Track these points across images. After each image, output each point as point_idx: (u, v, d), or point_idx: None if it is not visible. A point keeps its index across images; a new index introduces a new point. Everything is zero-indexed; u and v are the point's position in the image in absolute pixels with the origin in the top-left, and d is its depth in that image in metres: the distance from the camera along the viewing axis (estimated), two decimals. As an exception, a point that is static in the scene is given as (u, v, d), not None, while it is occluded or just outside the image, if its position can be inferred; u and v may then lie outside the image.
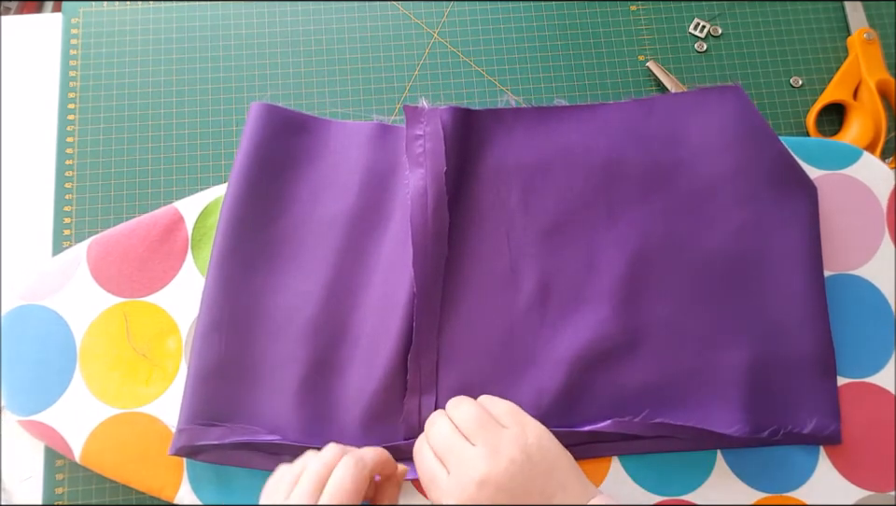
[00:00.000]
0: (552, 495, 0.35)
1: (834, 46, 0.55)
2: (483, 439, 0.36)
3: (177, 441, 0.42)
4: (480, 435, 0.37)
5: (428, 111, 0.47)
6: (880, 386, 0.45)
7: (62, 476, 0.45)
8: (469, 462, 0.36)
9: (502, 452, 0.36)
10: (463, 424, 0.38)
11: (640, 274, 0.46)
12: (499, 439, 0.36)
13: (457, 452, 0.36)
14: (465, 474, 0.35)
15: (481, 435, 0.37)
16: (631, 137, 0.48)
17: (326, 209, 0.47)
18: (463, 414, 0.38)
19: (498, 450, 0.36)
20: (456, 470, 0.36)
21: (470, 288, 0.46)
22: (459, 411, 0.38)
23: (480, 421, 0.37)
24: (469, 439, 0.37)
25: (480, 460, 0.35)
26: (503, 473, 0.35)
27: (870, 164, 0.48)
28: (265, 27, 0.54)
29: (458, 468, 0.36)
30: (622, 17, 0.55)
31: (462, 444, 0.37)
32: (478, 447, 0.36)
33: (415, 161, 0.46)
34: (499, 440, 0.36)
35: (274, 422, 0.43)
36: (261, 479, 0.43)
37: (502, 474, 0.35)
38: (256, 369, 0.44)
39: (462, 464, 0.36)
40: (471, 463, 0.35)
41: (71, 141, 0.51)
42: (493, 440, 0.36)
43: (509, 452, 0.36)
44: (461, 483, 0.35)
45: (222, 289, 0.45)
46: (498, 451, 0.36)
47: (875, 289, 0.47)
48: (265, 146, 0.47)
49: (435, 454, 0.37)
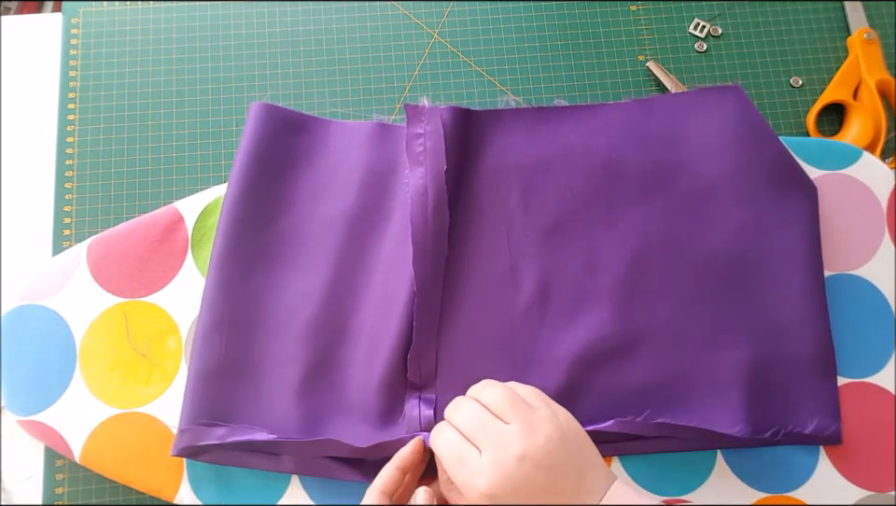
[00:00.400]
0: (584, 473, 0.36)
1: (834, 46, 0.55)
2: (518, 417, 0.36)
3: (180, 441, 0.42)
4: (513, 414, 0.37)
5: (429, 110, 0.47)
6: (880, 386, 0.45)
7: (62, 476, 0.45)
8: (505, 439, 0.35)
9: (539, 429, 0.36)
10: (493, 404, 0.38)
11: (641, 274, 0.46)
12: (534, 417, 0.36)
13: (491, 430, 0.36)
14: (502, 450, 0.35)
15: (514, 414, 0.37)
16: (631, 137, 0.48)
17: (326, 209, 0.47)
18: (492, 396, 0.38)
19: (534, 427, 0.36)
20: (492, 448, 0.35)
21: (470, 287, 0.46)
22: (487, 392, 0.38)
23: (511, 401, 0.37)
24: (502, 418, 0.37)
25: (517, 437, 0.35)
26: (541, 449, 0.35)
27: (870, 164, 0.48)
28: (265, 27, 0.54)
29: (494, 445, 0.35)
30: (622, 17, 0.55)
31: (495, 423, 0.36)
32: (513, 425, 0.36)
33: (415, 160, 0.46)
34: (534, 417, 0.36)
35: (275, 421, 0.43)
36: (262, 479, 0.44)
37: (540, 450, 0.35)
38: (256, 369, 0.44)
39: (498, 441, 0.36)
40: (509, 440, 0.35)
41: (71, 141, 0.51)
42: (528, 417, 0.36)
43: (545, 429, 0.36)
44: (499, 460, 0.35)
45: (222, 290, 0.45)
46: (535, 428, 0.36)
47: (875, 289, 0.47)
48: (265, 146, 0.47)
49: (463, 435, 0.37)
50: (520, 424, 0.36)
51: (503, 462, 0.35)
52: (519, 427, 0.36)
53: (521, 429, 0.36)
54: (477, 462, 0.35)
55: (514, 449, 0.35)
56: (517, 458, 0.35)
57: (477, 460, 0.35)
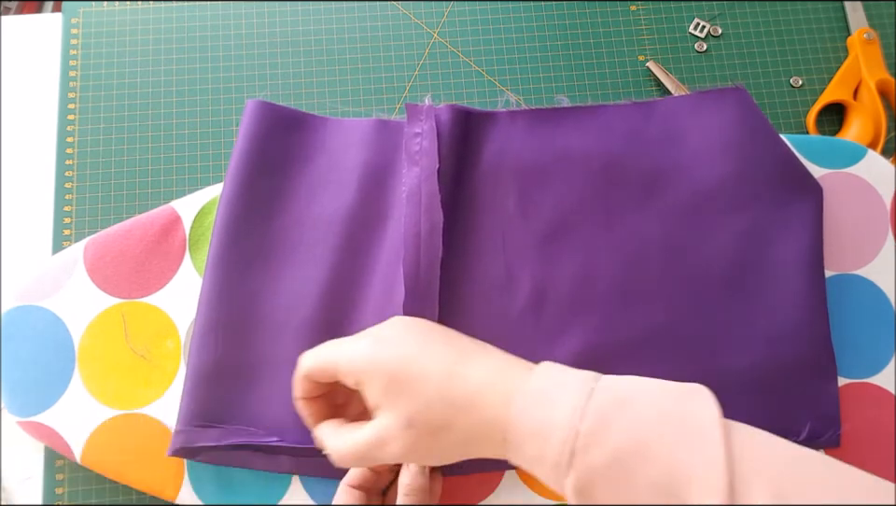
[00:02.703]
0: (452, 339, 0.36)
1: (834, 46, 0.55)
2: None
3: (174, 442, 0.42)
4: None
5: (427, 109, 0.46)
6: (880, 386, 0.45)
7: (62, 476, 0.45)
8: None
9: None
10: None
11: (638, 279, 0.45)
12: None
13: None
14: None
15: None
16: (631, 140, 0.48)
17: (323, 207, 0.47)
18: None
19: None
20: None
21: (466, 291, 0.45)
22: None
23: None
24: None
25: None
26: (383, 326, 0.37)
27: (874, 163, 0.48)
28: (265, 27, 0.54)
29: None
30: (622, 17, 0.55)
31: None
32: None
33: (412, 160, 0.46)
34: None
35: (273, 423, 0.43)
36: (262, 479, 0.44)
37: (383, 327, 0.37)
38: (254, 369, 0.44)
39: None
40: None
41: (71, 141, 0.51)
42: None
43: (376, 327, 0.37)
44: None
45: (219, 290, 0.45)
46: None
47: (877, 289, 0.47)
48: (261, 143, 0.47)
49: None
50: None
51: (382, 323, 0.37)
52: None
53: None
54: (353, 336, 0.36)
55: (389, 320, 0.37)
56: (394, 319, 0.37)
57: (352, 336, 0.36)
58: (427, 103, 0.47)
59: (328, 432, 0.35)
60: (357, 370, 0.33)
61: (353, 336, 0.36)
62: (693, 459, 0.27)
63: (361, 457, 0.32)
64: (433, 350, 0.32)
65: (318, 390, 0.36)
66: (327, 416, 0.37)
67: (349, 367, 0.33)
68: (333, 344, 0.36)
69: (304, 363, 0.36)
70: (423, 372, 0.31)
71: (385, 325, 0.36)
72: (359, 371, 0.33)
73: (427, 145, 0.45)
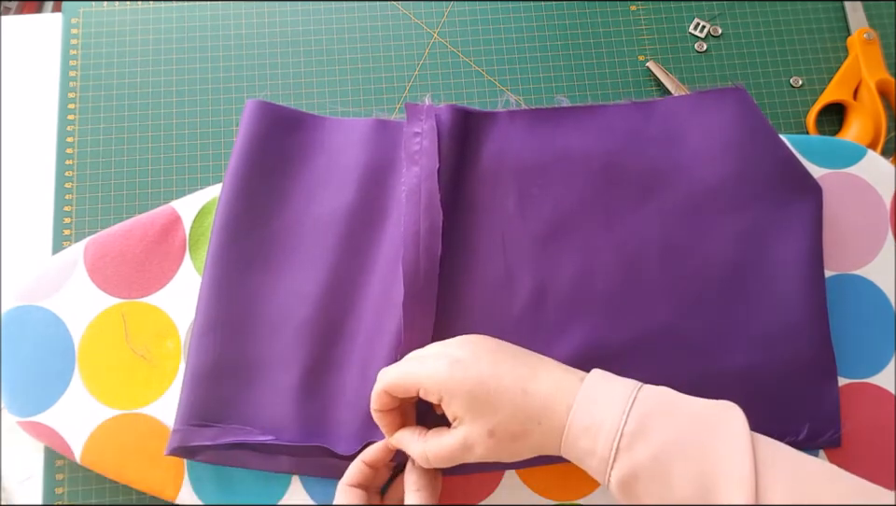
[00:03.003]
0: (523, 355, 0.39)
1: (834, 46, 0.55)
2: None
3: (172, 441, 0.42)
4: None
5: (427, 108, 0.46)
6: (880, 386, 0.45)
7: (62, 476, 0.45)
8: (440, 343, 0.40)
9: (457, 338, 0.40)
10: None
11: (638, 280, 0.45)
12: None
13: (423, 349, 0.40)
14: (442, 346, 0.39)
15: None
16: (630, 140, 0.48)
17: (322, 207, 0.47)
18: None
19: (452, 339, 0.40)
20: (432, 348, 0.39)
21: (466, 291, 0.45)
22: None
23: None
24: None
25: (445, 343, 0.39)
26: (471, 336, 0.39)
27: (874, 163, 0.48)
28: (265, 27, 0.54)
29: (432, 347, 0.39)
30: (622, 17, 0.55)
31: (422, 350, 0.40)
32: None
33: (412, 159, 0.46)
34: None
35: (271, 422, 0.43)
36: (262, 479, 0.44)
37: (471, 336, 0.39)
38: (252, 369, 0.44)
39: (435, 346, 0.40)
40: (443, 344, 0.39)
41: (71, 141, 0.51)
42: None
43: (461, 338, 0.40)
44: (442, 347, 0.39)
45: (218, 290, 0.45)
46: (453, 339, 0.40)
47: (877, 289, 0.47)
48: (260, 143, 0.47)
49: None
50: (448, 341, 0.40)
51: (452, 342, 0.39)
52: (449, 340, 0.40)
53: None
54: (431, 354, 0.38)
55: (454, 339, 0.39)
56: (461, 339, 0.39)
57: (430, 354, 0.38)
58: (427, 102, 0.47)
59: (410, 439, 0.39)
60: (440, 389, 0.36)
61: (429, 354, 0.38)
62: (725, 462, 0.31)
63: (450, 459, 0.37)
64: (505, 369, 0.36)
65: (394, 404, 0.39)
66: (399, 426, 0.40)
67: (432, 386, 0.36)
68: (414, 362, 0.38)
69: (386, 379, 0.38)
70: (499, 389, 0.35)
71: (457, 345, 0.39)
72: (443, 390, 0.36)
73: (427, 144, 0.45)
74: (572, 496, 0.44)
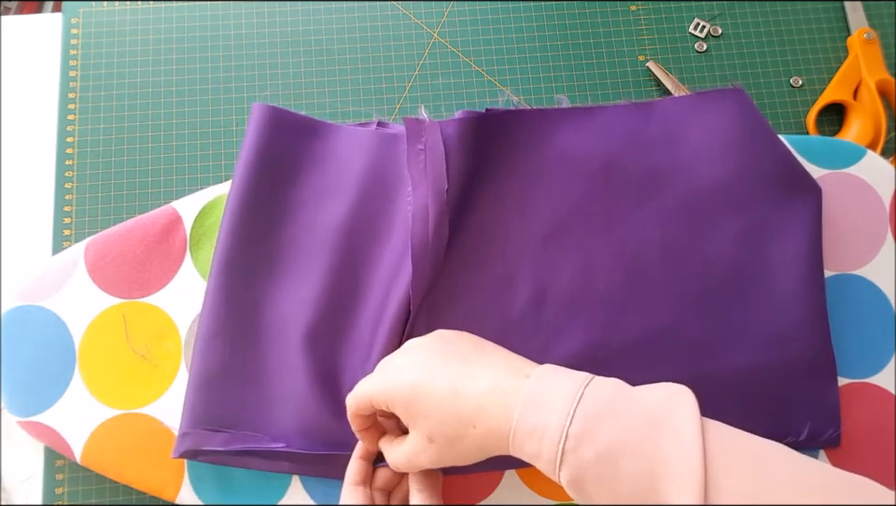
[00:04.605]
0: (482, 345, 0.38)
1: (834, 46, 0.55)
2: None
3: (181, 444, 0.42)
4: None
5: (429, 125, 0.46)
6: (880, 386, 0.45)
7: (62, 476, 0.45)
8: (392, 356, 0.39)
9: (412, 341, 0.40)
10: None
11: (638, 280, 0.45)
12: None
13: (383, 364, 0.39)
14: (391, 358, 0.39)
15: None
16: (630, 141, 0.48)
17: (330, 216, 0.47)
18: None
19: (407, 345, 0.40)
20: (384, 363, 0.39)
21: (466, 293, 0.45)
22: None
23: None
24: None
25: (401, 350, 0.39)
26: (423, 339, 0.39)
27: (874, 163, 0.48)
28: (265, 27, 0.54)
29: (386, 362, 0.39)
30: (622, 17, 0.55)
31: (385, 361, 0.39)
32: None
33: (417, 178, 0.45)
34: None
35: (277, 428, 0.43)
36: (262, 479, 0.44)
37: (422, 339, 0.39)
38: (258, 375, 0.44)
39: (385, 362, 0.39)
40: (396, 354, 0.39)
41: (71, 141, 0.51)
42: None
43: (417, 339, 0.39)
44: (391, 362, 0.38)
45: (224, 295, 0.45)
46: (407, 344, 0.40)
47: (876, 290, 0.47)
48: (268, 149, 0.47)
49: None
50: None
51: (397, 352, 0.39)
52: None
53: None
54: (378, 366, 0.39)
55: (405, 344, 0.39)
56: (405, 347, 0.39)
57: (378, 366, 0.39)
58: (423, 115, 0.46)
59: (386, 447, 0.39)
60: (383, 400, 0.36)
61: (378, 366, 0.39)
62: (672, 459, 0.29)
63: (407, 465, 0.37)
64: (437, 372, 0.35)
65: (369, 421, 0.39)
66: (381, 435, 0.41)
67: (378, 397, 0.37)
68: (365, 380, 0.39)
69: (348, 404, 0.39)
70: (430, 394, 0.35)
71: (399, 352, 0.39)
72: (385, 400, 0.36)
73: (433, 163, 0.45)
74: (572, 496, 0.44)
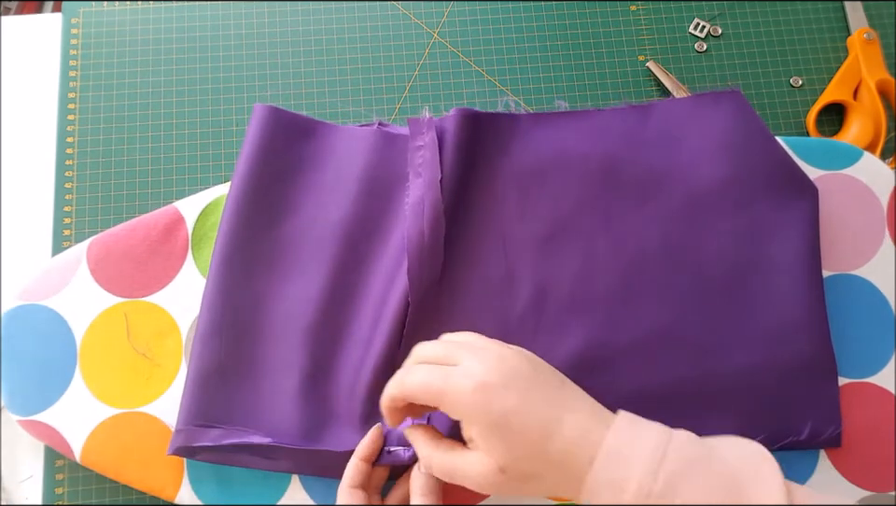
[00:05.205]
0: (563, 382, 0.36)
1: (834, 46, 0.55)
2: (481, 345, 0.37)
3: (175, 441, 0.42)
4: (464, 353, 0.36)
5: (428, 121, 0.46)
6: (880, 386, 0.45)
7: (62, 476, 0.45)
8: (482, 350, 0.36)
9: (503, 346, 0.37)
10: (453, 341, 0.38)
11: (637, 281, 0.45)
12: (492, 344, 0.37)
13: (463, 346, 0.36)
14: (483, 352, 0.35)
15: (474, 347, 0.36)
16: (628, 143, 0.48)
17: (329, 215, 0.47)
18: (450, 337, 0.38)
19: (500, 346, 0.37)
20: (472, 354, 0.35)
21: (466, 293, 0.45)
22: (428, 347, 0.38)
23: (459, 344, 0.37)
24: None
25: (491, 347, 0.36)
26: (517, 352, 0.36)
27: (871, 164, 0.48)
28: (265, 27, 0.54)
29: (472, 353, 0.35)
30: (622, 17, 0.55)
31: (462, 347, 0.36)
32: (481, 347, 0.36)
33: (416, 172, 0.46)
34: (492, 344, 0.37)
35: (273, 425, 0.43)
36: (262, 479, 0.44)
37: (517, 352, 0.36)
38: (255, 373, 0.44)
39: (476, 351, 0.35)
40: (485, 349, 0.36)
41: (71, 141, 0.51)
42: (489, 345, 0.37)
43: (505, 347, 0.37)
44: (483, 357, 0.35)
45: (222, 293, 0.45)
46: (500, 346, 0.37)
47: (875, 290, 0.47)
48: (269, 149, 0.47)
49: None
50: (488, 347, 0.37)
51: (488, 358, 0.35)
52: (488, 347, 0.37)
53: (490, 345, 0.37)
54: (460, 368, 0.35)
55: (493, 350, 0.36)
56: (498, 356, 0.35)
57: (458, 368, 0.35)
58: (427, 115, 0.47)
59: (422, 441, 0.37)
60: (461, 412, 0.34)
61: (457, 368, 0.35)
62: None
63: (451, 477, 0.35)
64: (533, 406, 0.34)
65: (407, 403, 0.37)
66: (405, 417, 0.38)
67: (453, 407, 0.34)
68: (439, 373, 0.35)
69: (407, 385, 0.36)
70: (523, 427, 0.33)
71: (491, 365, 0.35)
72: (463, 413, 0.34)
73: (429, 156, 0.46)
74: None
